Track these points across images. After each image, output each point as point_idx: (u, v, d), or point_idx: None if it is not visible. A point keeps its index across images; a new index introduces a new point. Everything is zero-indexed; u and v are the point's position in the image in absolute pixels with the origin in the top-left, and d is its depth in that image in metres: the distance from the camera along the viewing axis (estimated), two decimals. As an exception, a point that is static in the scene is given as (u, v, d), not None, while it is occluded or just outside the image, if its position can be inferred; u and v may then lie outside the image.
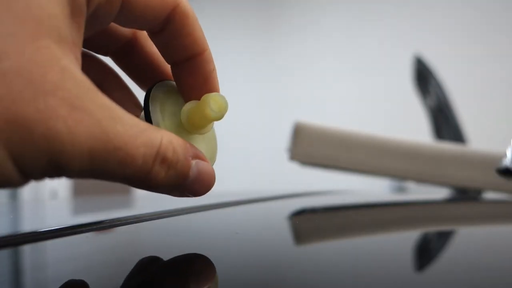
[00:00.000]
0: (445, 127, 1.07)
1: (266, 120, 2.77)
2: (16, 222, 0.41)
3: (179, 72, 0.21)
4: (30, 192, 2.59)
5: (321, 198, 0.62)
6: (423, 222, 0.37)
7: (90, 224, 0.27)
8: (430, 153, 0.72)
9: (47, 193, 2.61)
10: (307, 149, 0.72)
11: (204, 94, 0.20)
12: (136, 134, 0.15)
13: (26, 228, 0.28)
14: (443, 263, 0.21)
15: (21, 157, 0.13)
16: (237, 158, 2.63)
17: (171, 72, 0.21)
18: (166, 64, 0.22)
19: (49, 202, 1.10)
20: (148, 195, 0.18)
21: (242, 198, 0.48)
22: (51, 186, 2.58)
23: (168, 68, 0.22)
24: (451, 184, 0.73)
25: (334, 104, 2.57)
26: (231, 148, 2.55)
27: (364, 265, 0.20)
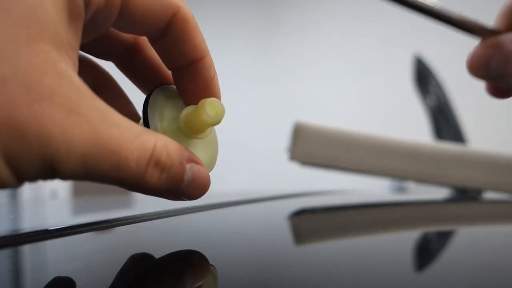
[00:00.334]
0: (445, 127, 1.07)
1: (266, 120, 2.77)
2: (16, 222, 0.41)
3: (180, 78, 0.21)
4: (30, 192, 2.59)
5: (321, 198, 0.62)
6: (423, 222, 0.37)
7: (90, 224, 0.27)
8: (430, 153, 0.72)
9: (47, 193, 2.61)
10: (307, 149, 0.72)
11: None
12: (131, 138, 0.15)
13: (26, 228, 0.28)
14: (443, 263, 0.21)
15: (16, 159, 0.13)
16: (237, 158, 2.63)
17: (172, 77, 0.21)
18: (167, 69, 0.22)
19: (49, 202, 1.10)
20: (148, 196, 0.18)
21: (242, 198, 0.48)
22: (51, 186, 2.58)
23: (169, 73, 0.22)
24: (451, 184, 0.73)
25: (334, 104, 2.57)
26: (231, 148, 2.55)
27: (364, 265, 0.20)
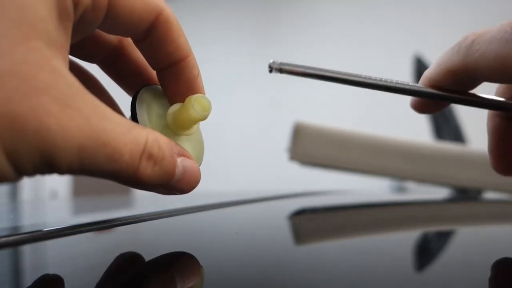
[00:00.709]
0: (445, 127, 1.07)
1: (266, 120, 2.77)
2: (16, 222, 0.41)
3: (165, 77, 0.21)
4: (30, 192, 2.59)
5: (321, 198, 0.62)
6: (423, 222, 0.37)
7: (90, 224, 0.27)
8: (430, 153, 0.72)
9: (47, 193, 2.61)
10: (307, 149, 0.72)
11: None
12: (123, 131, 0.16)
13: (26, 228, 0.28)
14: (443, 263, 0.21)
15: (15, 152, 0.13)
16: (237, 158, 2.63)
17: (157, 78, 0.22)
18: (152, 70, 0.22)
19: (49, 202, 1.10)
20: (148, 195, 0.18)
21: (242, 198, 0.48)
22: (51, 186, 2.58)
23: (154, 73, 0.22)
24: (451, 184, 0.73)
25: (334, 104, 2.57)
26: (231, 148, 2.55)
27: (364, 265, 0.20)
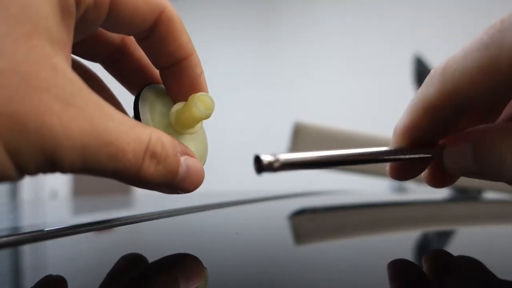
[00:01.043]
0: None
1: (266, 120, 2.77)
2: (16, 222, 0.41)
3: (168, 76, 0.21)
4: (30, 192, 2.58)
5: (321, 198, 0.62)
6: (423, 222, 0.37)
7: (90, 224, 0.27)
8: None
9: (47, 193, 2.61)
10: (307, 149, 0.71)
11: None
12: (126, 130, 0.16)
13: (26, 228, 0.28)
14: (443, 263, 0.21)
15: (17, 151, 0.13)
16: (237, 158, 2.63)
17: (160, 76, 0.22)
18: (155, 69, 0.22)
19: (49, 202, 1.10)
20: (148, 195, 0.18)
21: (242, 198, 0.48)
22: (51, 186, 2.58)
23: (157, 72, 0.22)
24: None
25: (334, 104, 2.57)
26: (231, 148, 2.55)
27: (364, 265, 0.20)
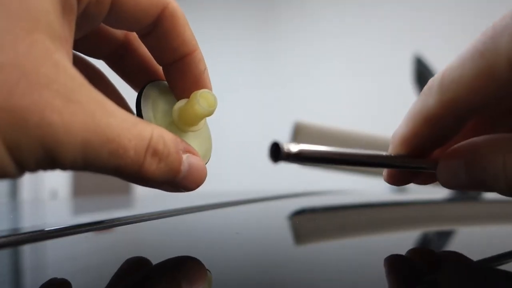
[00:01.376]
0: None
1: (266, 120, 2.77)
2: (16, 222, 0.41)
3: (171, 73, 0.21)
4: (30, 192, 2.58)
5: (321, 198, 0.62)
6: (423, 222, 0.37)
7: (90, 224, 0.27)
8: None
9: (47, 193, 2.60)
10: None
11: None
12: (128, 127, 0.15)
13: (26, 228, 0.28)
14: (442, 263, 0.21)
15: (17, 147, 0.13)
16: (237, 158, 2.63)
17: (163, 73, 0.21)
18: (158, 66, 0.22)
19: (49, 202, 1.10)
20: (148, 195, 0.18)
21: (242, 198, 0.48)
22: (51, 186, 2.58)
23: (160, 69, 0.22)
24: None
25: (334, 104, 2.57)
26: (231, 147, 2.55)
27: (364, 265, 0.20)
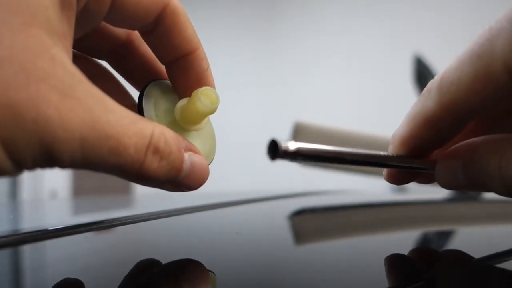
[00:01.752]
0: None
1: (266, 120, 2.77)
2: (16, 222, 0.41)
3: (173, 71, 0.21)
4: (30, 192, 2.58)
5: (321, 198, 0.62)
6: (423, 222, 0.37)
7: (90, 224, 0.27)
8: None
9: (47, 193, 2.60)
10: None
11: None
12: (128, 124, 0.15)
13: (26, 228, 0.28)
14: (442, 263, 0.21)
15: (13, 143, 0.13)
16: (237, 158, 2.63)
17: (166, 72, 0.21)
18: (161, 65, 0.22)
19: (49, 202, 1.10)
20: (148, 195, 0.18)
21: (242, 198, 0.48)
22: (51, 186, 2.58)
23: (163, 68, 0.22)
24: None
25: (334, 103, 2.57)
26: (231, 147, 2.55)
27: (364, 265, 0.20)
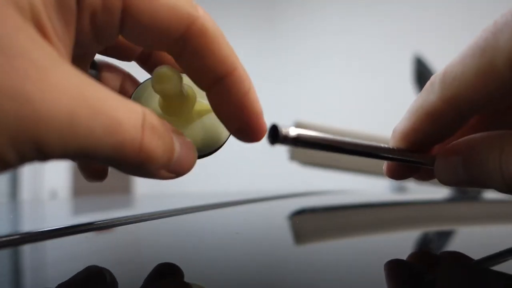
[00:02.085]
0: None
1: (267, 119, 2.77)
2: (15, 222, 0.41)
3: (213, 97, 0.18)
4: (30, 192, 2.58)
5: (321, 198, 0.62)
6: (423, 222, 0.37)
7: (90, 224, 0.27)
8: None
9: (47, 193, 2.60)
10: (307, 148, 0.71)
11: (243, 118, 0.18)
12: (116, 103, 0.14)
13: (26, 228, 0.28)
14: (442, 263, 0.21)
15: None
16: (237, 158, 2.63)
17: (207, 99, 0.19)
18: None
19: (49, 202, 1.10)
20: (148, 195, 0.18)
21: (242, 198, 0.48)
22: (51, 186, 2.58)
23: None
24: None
25: (334, 104, 2.57)
26: (231, 147, 2.54)
27: (364, 265, 0.20)
